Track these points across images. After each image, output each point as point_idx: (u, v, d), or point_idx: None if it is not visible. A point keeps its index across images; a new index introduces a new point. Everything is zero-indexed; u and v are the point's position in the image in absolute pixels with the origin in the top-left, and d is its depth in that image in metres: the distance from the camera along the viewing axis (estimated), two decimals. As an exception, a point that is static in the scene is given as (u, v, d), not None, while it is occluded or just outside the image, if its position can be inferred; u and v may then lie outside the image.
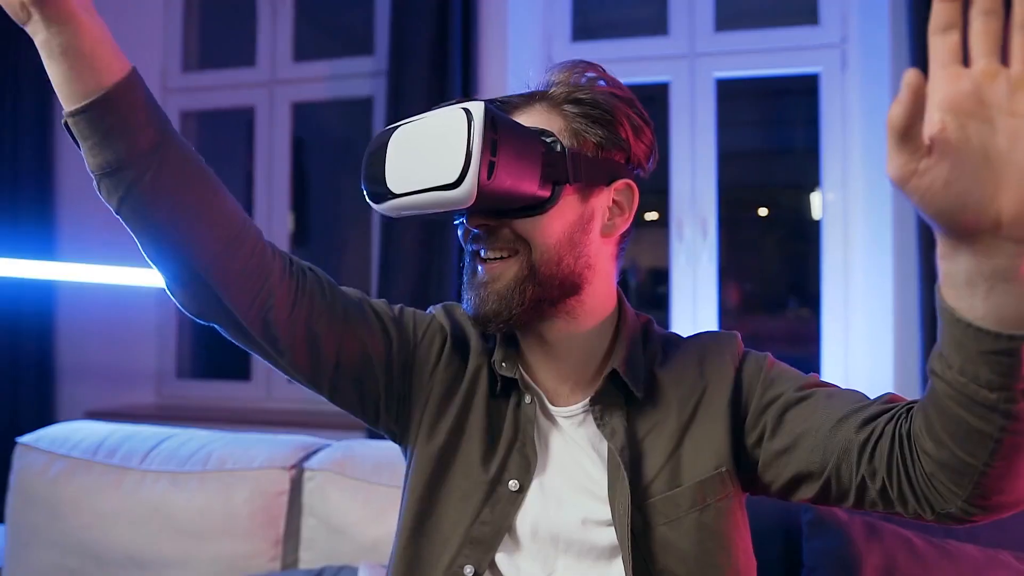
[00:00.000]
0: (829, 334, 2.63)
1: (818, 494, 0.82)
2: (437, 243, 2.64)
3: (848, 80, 2.63)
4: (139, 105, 0.72)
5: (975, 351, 0.60)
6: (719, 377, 0.89)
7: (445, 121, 0.76)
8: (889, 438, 0.74)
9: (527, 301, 0.84)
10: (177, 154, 0.76)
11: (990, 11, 0.54)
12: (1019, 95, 0.54)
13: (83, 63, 0.70)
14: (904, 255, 2.38)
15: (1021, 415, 0.62)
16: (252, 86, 3.11)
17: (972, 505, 0.69)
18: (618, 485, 0.85)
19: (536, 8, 2.87)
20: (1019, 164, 0.54)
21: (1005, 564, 1.21)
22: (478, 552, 0.86)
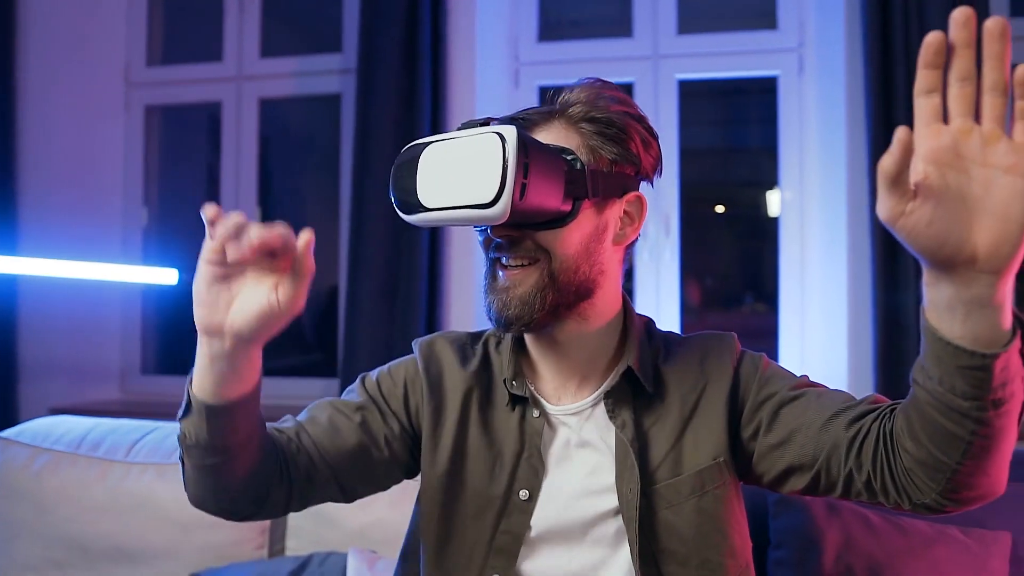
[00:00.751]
0: (786, 329, 2.73)
1: (808, 485, 0.90)
2: (406, 241, 2.67)
3: (805, 83, 2.73)
4: (256, 405, 0.83)
5: (953, 366, 0.68)
6: (718, 375, 0.96)
7: (479, 144, 0.81)
8: (875, 436, 0.83)
9: (547, 306, 0.90)
10: (256, 442, 0.85)
11: (965, 78, 0.62)
12: (990, 149, 0.62)
13: (241, 377, 0.79)
14: (858, 252, 2.48)
15: (990, 422, 0.70)
16: (219, 81, 3.10)
17: (944, 498, 0.78)
18: (626, 472, 0.92)
19: (503, 9, 2.92)
20: (991, 208, 0.62)
21: (952, 538, 1.31)
22: (502, 560, 0.93)
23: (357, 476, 0.98)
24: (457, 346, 1.03)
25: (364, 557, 1.35)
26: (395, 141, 2.68)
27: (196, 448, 0.82)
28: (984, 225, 0.63)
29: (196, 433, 0.81)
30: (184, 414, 0.82)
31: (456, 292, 2.75)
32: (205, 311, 0.74)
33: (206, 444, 0.81)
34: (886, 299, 2.37)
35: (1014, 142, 0.62)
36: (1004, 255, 0.63)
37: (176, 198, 3.54)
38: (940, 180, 0.63)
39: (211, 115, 3.57)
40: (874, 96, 2.40)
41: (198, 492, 0.88)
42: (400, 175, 0.86)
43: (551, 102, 0.97)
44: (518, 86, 2.95)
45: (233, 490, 0.87)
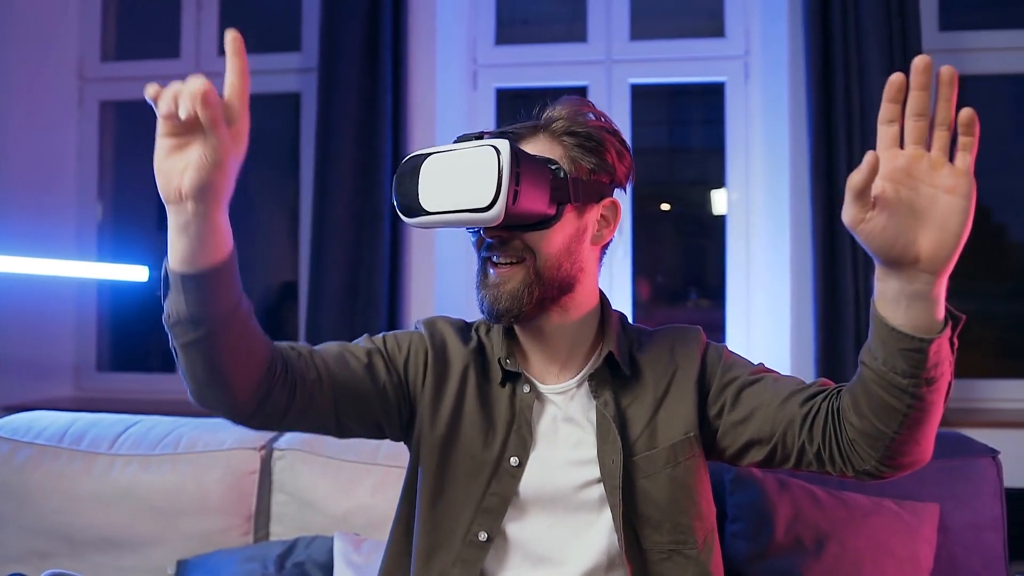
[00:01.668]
0: (733, 322, 2.88)
1: (766, 457, 1.02)
2: (368, 239, 2.73)
3: (751, 89, 2.87)
4: (232, 277, 0.86)
5: (895, 348, 0.81)
6: (688, 362, 1.08)
7: (476, 155, 0.91)
8: (824, 413, 0.96)
9: (534, 300, 1.00)
10: (241, 318, 0.88)
11: (919, 114, 0.77)
12: (936, 172, 0.77)
13: (207, 242, 0.82)
14: (800, 251, 2.63)
15: (923, 396, 0.83)
16: (176, 78, 3.10)
17: (883, 464, 0.91)
18: (608, 445, 1.02)
19: (461, 12, 2.99)
20: (934, 220, 0.77)
21: (888, 509, 1.45)
22: (489, 519, 1.02)
23: (354, 410, 1.03)
24: (456, 328, 1.13)
25: (350, 539, 1.42)
26: (357, 140, 2.74)
27: (179, 325, 0.84)
28: (927, 233, 0.77)
29: (176, 308, 0.84)
30: (165, 294, 0.85)
31: (416, 290, 2.81)
32: (163, 180, 0.80)
33: (187, 317, 0.83)
34: (826, 294, 2.53)
35: (955, 168, 0.76)
36: (942, 258, 0.77)
37: (131, 194, 3.53)
38: (894, 195, 0.77)
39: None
40: (815, 103, 2.54)
41: (193, 383, 0.89)
42: (403, 182, 0.95)
43: (536, 118, 1.06)
44: (476, 88, 3.03)
45: (225, 377, 0.88)
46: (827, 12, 2.55)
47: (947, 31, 2.76)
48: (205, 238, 0.81)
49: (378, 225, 2.73)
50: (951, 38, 2.76)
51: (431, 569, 1.03)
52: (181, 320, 0.84)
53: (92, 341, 3.15)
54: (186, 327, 0.85)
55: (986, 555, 1.48)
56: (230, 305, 0.86)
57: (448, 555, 1.02)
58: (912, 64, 0.75)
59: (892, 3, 2.50)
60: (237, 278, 0.87)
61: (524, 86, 3.17)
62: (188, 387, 0.91)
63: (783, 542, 1.40)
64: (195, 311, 0.83)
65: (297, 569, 1.41)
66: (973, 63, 2.79)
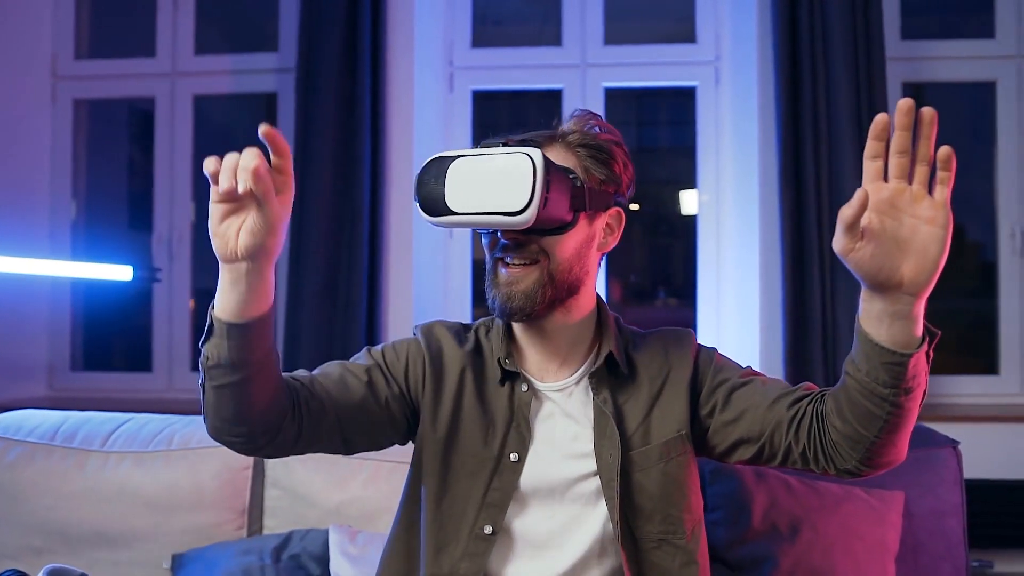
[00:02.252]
0: (703, 320, 2.96)
1: (754, 455, 1.09)
2: (347, 240, 2.76)
3: (721, 94, 2.96)
4: (272, 325, 0.93)
5: (878, 361, 0.89)
6: (680, 363, 1.14)
7: (509, 162, 0.96)
8: (809, 417, 1.03)
9: (546, 300, 1.06)
10: (273, 362, 0.94)
11: (902, 151, 0.83)
12: (917, 204, 0.84)
13: (257, 295, 0.89)
14: (769, 252, 2.72)
15: (901, 404, 0.91)
16: (153, 77, 3.11)
17: (862, 464, 0.99)
18: (605, 439, 1.08)
19: (438, 15, 3.04)
20: (915, 248, 0.84)
21: (858, 497, 1.53)
22: (493, 513, 1.08)
23: (358, 428, 1.09)
24: (453, 331, 1.17)
25: (345, 531, 1.46)
26: (336, 141, 2.76)
27: (217, 368, 0.91)
28: (909, 260, 0.85)
29: (218, 353, 0.90)
30: (206, 339, 0.92)
31: (394, 291, 2.85)
32: (219, 242, 0.87)
33: (227, 362, 0.90)
34: (795, 294, 2.62)
35: (934, 200, 0.84)
36: (922, 282, 0.85)
37: (105, 192, 3.52)
38: (880, 225, 0.84)
39: (132, 109, 3.56)
40: (784, 107, 2.63)
41: (216, 420, 0.95)
42: (426, 183, 0.99)
43: (552, 130, 1.11)
44: (452, 90, 3.08)
45: (249, 416, 0.94)
46: (795, 20, 2.64)
47: (908, 40, 2.87)
48: (255, 292, 0.88)
49: (357, 226, 2.75)
50: (912, 47, 2.87)
51: (441, 565, 1.07)
52: (221, 364, 0.91)
53: (66, 340, 3.14)
54: (225, 370, 0.91)
55: (947, 539, 1.57)
56: (266, 350, 0.92)
57: (456, 550, 1.07)
58: (896, 106, 0.81)
59: (858, 13, 2.60)
60: (272, 327, 0.94)
61: (500, 88, 3.22)
62: (209, 423, 0.98)
63: (760, 528, 1.47)
64: (236, 356, 0.90)
65: (293, 561, 1.44)
66: (932, 71, 2.91)
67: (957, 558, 1.57)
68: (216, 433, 0.98)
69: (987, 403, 2.80)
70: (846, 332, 2.59)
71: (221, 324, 0.89)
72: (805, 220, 2.64)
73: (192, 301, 3.16)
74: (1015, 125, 2.86)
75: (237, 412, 0.94)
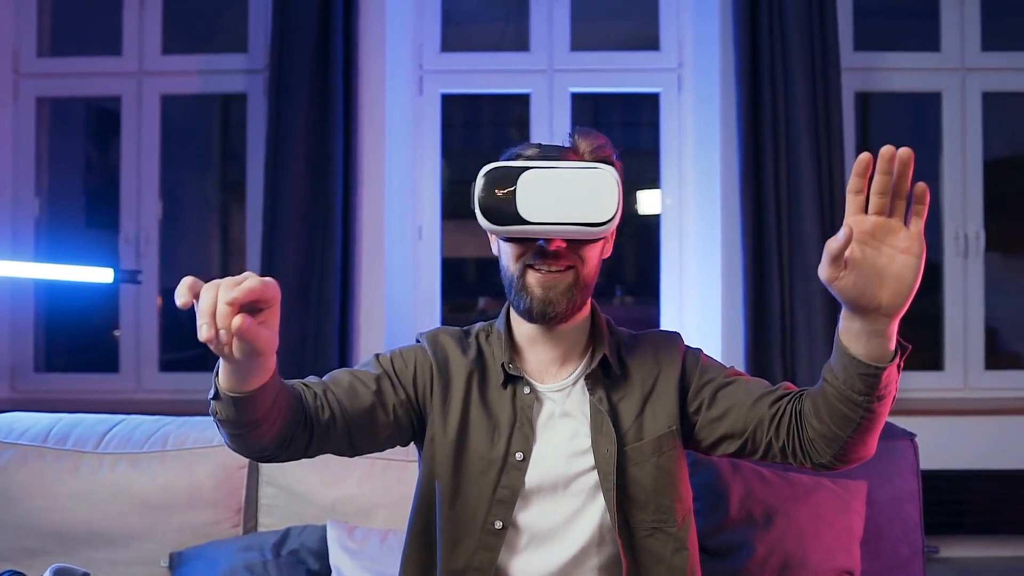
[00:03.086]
0: (667, 318, 3.06)
1: (737, 449, 1.18)
2: (320, 240, 2.78)
3: (683, 100, 3.06)
4: (273, 388, 0.96)
5: (854, 372, 0.98)
6: (669, 364, 1.22)
7: (591, 176, 1.03)
8: (789, 416, 1.12)
9: (576, 303, 1.14)
10: (276, 411, 1.00)
11: (883, 192, 0.91)
12: (894, 235, 0.92)
13: (253, 375, 0.92)
14: (730, 252, 2.83)
15: (874, 409, 1.01)
16: (119, 76, 3.09)
17: (836, 459, 1.09)
18: (602, 436, 1.15)
19: (408, 19, 3.08)
20: (892, 275, 0.93)
21: (825, 486, 1.63)
22: (503, 510, 1.14)
23: (366, 434, 1.15)
24: (456, 339, 1.23)
25: (343, 526, 1.51)
26: (308, 142, 2.78)
27: (227, 423, 0.97)
28: (887, 286, 0.93)
29: (225, 413, 0.95)
30: (214, 397, 0.96)
31: (367, 290, 2.89)
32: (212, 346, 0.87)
33: (235, 420, 0.96)
34: (755, 294, 2.73)
35: (910, 232, 0.92)
36: (897, 305, 0.94)
37: (69, 190, 3.48)
38: (861, 255, 0.93)
39: (88, 106, 3.51)
40: (744, 113, 2.74)
41: (234, 448, 1.04)
42: (491, 192, 1.04)
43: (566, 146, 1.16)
44: (422, 93, 3.12)
45: (263, 436, 1.01)
46: (755, 30, 2.75)
47: (860, 51, 3.01)
48: (256, 373, 0.92)
49: (330, 227, 2.78)
50: (863, 58, 3.01)
51: (457, 559, 1.14)
52: (230, 421, 0.97)
53: (29, 341, 3.10)
54: (234, 426, 0.97)
55: (906, 524, 1.68)
56: (271, 404, 0.98)
57: (470, 545, 1.14)
58: (880, 152, 0.90)
59: (815, 24, 2.72)
60: (277, 382, 0.98)
61: (469, 92, 3.28)
62: (225, 440, 1.04)
63: (737, 517, 1.56)
64: (243, 418, 0.96)
65: (292, 556, 1.49)
66: (882, 81, 3.06)
67: (914, 541, 1.69)
68: (232, 448, 1.05)
69: (932, 397, 2.97)
70: (804, 330, 2.72)
71: (225, 395, 0.93)
72: (765, 222, 2.75)
73: (160, 299, 3.15)
74: (959, 134, 3.02)
75: (251, 446, 1.02)
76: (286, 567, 1.46)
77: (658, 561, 1.16)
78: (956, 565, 2.85)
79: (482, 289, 3.79)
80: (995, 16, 3.05)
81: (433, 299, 3.14)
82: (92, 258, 2.94)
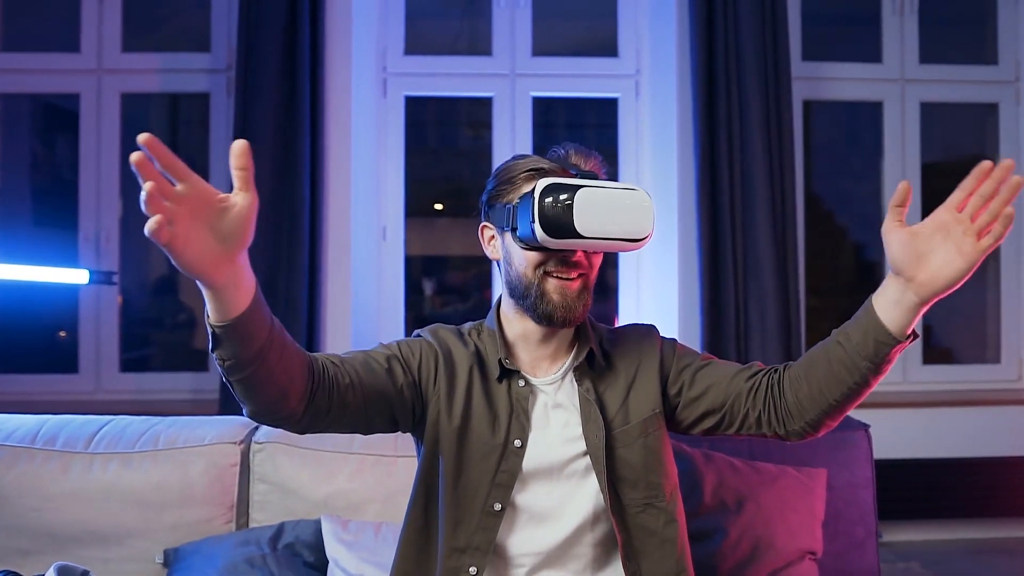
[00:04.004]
0: (624, 315, 3.17)
1: (715, 423, 1.28)
2: (287, 240, 2.81)
3: (641, 105, 3.17)
4: (258, 317, 0.98)
5: (873, 338, 1.07)
6: (649, 354, 1.32)
7: (632, 196, 1.13)
8: (765, 387, 1.23)
9: (587, 306, 1.23)
10: (277, 345, 1.02)
11: (984, 197, 1.00)
12: (964, 238, 1.01)
13: (233, 295, 0.94)
14: (686, 251, 2.95)
15: (868, 380, 1.10)
16: (77, 73, 3.05)
17: (808, 426, 1.19)
18: (591, 423, 1.24)
19: (372, 21, 3.11)
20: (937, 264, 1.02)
21: (790, 474, 1.75)
22: (502, 492, 1.22)
23: (379, 409, 1.20)
24: (455, 334, 1.31)
25: (336, 520, 1.55)
26: (275, 143, 2.80)
27: (234, 364, 0.99)
28: (927, 269, 1.03)
29: (227, 353, 0.97)
30: (214, 346, 0.99)
31: (333, 290, 2.92)
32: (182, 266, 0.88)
33: (238, 356, 0.98)
34: (711, 292, 2.86)
35: (979, 244, 1.01)
36: (928, 291, 1.03)
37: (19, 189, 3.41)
38: (928, 232, 1.02)
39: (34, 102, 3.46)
40: (700, 120, 2.86)
41: (253, 405, 1.05)
42: (549, 208, 1.11)
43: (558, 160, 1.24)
44: (386, 95, 3.16)
45: (278, 390, 1.03)
46: (712, 39, 2.87)
47: (808, 61, 3.16)
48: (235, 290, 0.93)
49: (297, 228, 2.80)
50: (811, 67, 3.17)
51: (458, 537, 1.21)
52: (235, 358, 0.98)
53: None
54: (240, 365, 0.99)
55: (861, 508, 1.81)
56: (267, 334, 1.00)
57: (471, 524, 1.22)
58: (999, 164, 1.00)
59: (767, 34, 2.86)
60: (264, 308, 1.00)
61: (433, 95, 3.33)
62: (245, 409, 1.07)
63: (710, 504, 1.66)
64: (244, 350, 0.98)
65: (288, 550, 1.53)
66: (828, 90, 3.22)
67: (869, 523, 1.82)
68: (254, 416, 1.08)
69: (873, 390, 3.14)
70: (757, 328, 2.85)
71: (219, 328, 0.96)
72: (720, 223, 2.88)
73: (120, 298, 3.13)
74: (899, 141, 3.20)
75: (265, 391, 1.03)
76: (284, 560, 1.50)
77: (651, 534, 1.25)
78: (895, 549, 3.03)
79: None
80: (931, 28, 3.24)
81: (397, 299, 3.18)
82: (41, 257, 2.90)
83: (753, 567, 1.64)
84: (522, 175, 1.21)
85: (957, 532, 3.12)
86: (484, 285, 3.65)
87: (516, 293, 1.23)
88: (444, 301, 3.86)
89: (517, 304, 1.25)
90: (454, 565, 1.20)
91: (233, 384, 1.02)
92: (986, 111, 3.36)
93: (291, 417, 1.10)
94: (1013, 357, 3.34)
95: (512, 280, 1.24)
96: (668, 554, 1.25)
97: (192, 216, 0.86)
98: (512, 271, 1.23)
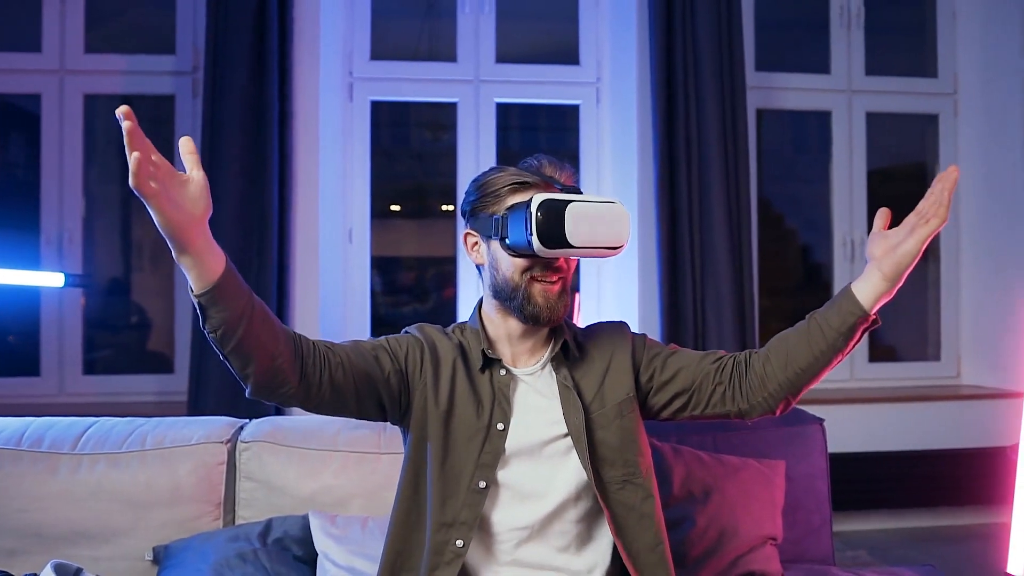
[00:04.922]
0: (586, 314, 3.26)
1: (684, 403, 1.39)
2: (255, 242, 2.83)
3: (602, 112, 3.27)
4: (235, 281, 1.10)
5: (846, 310, 1.22)
6: (621, 346, 1.42)
7: (611, 209, 1.23)
8: (730, 366, 1.35)
9: (568, 305, 1.33)
10: (259, 312, 1.12)
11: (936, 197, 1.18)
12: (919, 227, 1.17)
13: (206, 265, 1.06)
14: (646, 254, 3.05)
15: (833, 356, 1.25)
16: (39, 73, 3.03)
17: (770, 397, 1.31)
18: (571, 408, 1.34)
19: (338, 26, 3.15)
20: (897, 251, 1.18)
21: (752, 465, 1.85)
22: (485, 471, 1.30)
23: (368, 392, 1.28)
24: (440, 331, 1.41)
25: (324, 515, 1.60)
26: (243, 146, 2.82)
27: (224, 331, 1.09)
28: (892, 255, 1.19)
29: (216, 320, 1.08)
30: (204, 320, 1.08)
31: (301, 290, 2.96)
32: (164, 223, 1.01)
33: (227, 320, 1.08)
34: (670, 294, 2.97)
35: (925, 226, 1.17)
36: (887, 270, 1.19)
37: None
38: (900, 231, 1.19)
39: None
40: (660, 126, 2.97)
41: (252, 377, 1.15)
42: (544, 220, 1.20)
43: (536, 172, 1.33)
44: (352, 99, 3.21)
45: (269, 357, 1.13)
46: (670, 49, 2.98)
47: (760, 71, 3.30)
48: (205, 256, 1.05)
49: (266, 230, 2.83)
50: (763, 77, 3.30)
51: (446, 513, 1.30)
52: (224, 324, 1.08)
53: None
54: (229, 331, 1.09)
55: (817, 497, 1.93)
56: (245, 298, 1.10)
57: (457, 501, 1.30)
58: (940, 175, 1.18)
59: (723, 45, 2.98)
60: (237, 275, 1.11)
61: (398, 100, 3.38)
62: (246, 387, 1.17)
63: (679, 495, 1.75)
64: (228, 314, 1.08)
65: (278, 544, 1.57)
66: (779, 100, 3.36)
67: (824, 512, 1.94)
68: (255, 392, 1.17)
69: (820, 387, 3.29)
70: (715, 327, 2.97)
71: (203, 297, 1.07)
72: (679, 226, 2.99)
73: (83, 300, 3.11)
74: (846, 150, 3.36)
75: (259, 360, 1.13)
76: (274, 554, 1.55)
77: (630, 510, 1.34)
78: (843, 538, 3.18)
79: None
80: (877, 39, 3.40)
81: (364, 300, 3.23)
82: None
83: (719, 553, 1.74)
84: (506, 188, 1.30)
85: (901, 521, 3.29)
86: (443, 285, 3.71)
87: (502, 295, 1.32)
88: (402, 301, 3.92)
89: (502, 305, 1.33)
90: (442, 539, 1.29)
91: (229, 357, 1.12)
92: (927, 121, 3.54)
93: (287, 389, 1.19)
94: (952, 355, 3.53)
95: (498, 284, 1.32)
96: (647, 527, 1.35)
97: (165, 182, 1.00)
98: (499, 275, 1.32)
